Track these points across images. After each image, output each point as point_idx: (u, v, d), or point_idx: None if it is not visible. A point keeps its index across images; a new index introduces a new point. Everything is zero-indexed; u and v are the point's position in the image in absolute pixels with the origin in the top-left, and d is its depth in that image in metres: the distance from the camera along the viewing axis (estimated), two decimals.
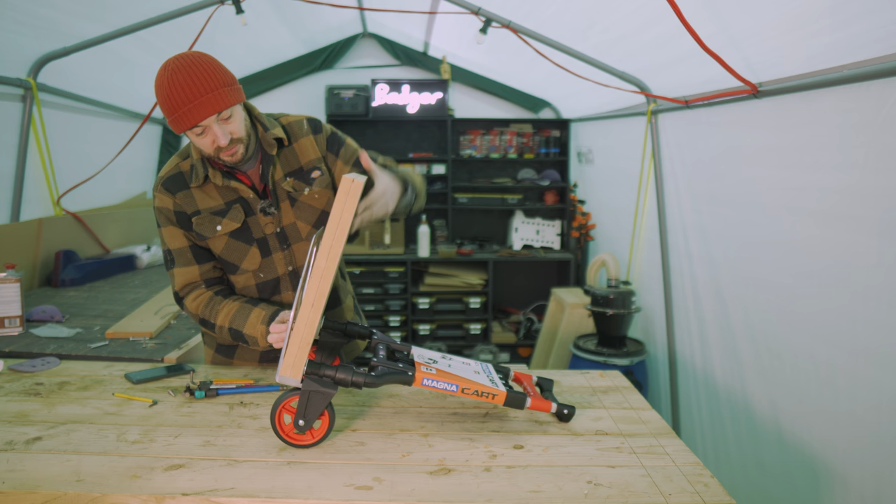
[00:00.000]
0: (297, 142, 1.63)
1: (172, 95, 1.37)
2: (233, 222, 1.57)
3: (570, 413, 1.42)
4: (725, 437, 2.53)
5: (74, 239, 3.12)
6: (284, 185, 1.60)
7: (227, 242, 1.59)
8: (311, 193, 1.62)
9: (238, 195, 1.58)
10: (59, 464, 1.20)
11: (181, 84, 1.37)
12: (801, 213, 1.98)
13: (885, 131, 1.59)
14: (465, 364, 1.49)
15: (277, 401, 1.29)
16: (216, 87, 1.39)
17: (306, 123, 1.65)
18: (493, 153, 4.83)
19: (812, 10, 1.67)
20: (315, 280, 1.22)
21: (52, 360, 1.77)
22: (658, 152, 3.11)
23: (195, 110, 1.38)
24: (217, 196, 1.58)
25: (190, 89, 1.37)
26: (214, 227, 1.58)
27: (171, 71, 1.38)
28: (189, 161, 1.58)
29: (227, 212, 1.58)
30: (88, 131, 3.55)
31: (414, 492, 1.13)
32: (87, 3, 2.56)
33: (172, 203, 1.58)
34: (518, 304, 5.05)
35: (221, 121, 1.43)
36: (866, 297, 1.69)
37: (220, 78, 1.41)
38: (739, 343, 2.40)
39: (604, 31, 2.71)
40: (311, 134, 1.65)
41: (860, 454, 1.73)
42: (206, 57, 1.42)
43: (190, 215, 1.58)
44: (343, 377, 1.29)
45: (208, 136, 1.44)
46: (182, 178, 1.58)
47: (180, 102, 1.38)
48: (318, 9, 3.37)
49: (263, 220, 1.59)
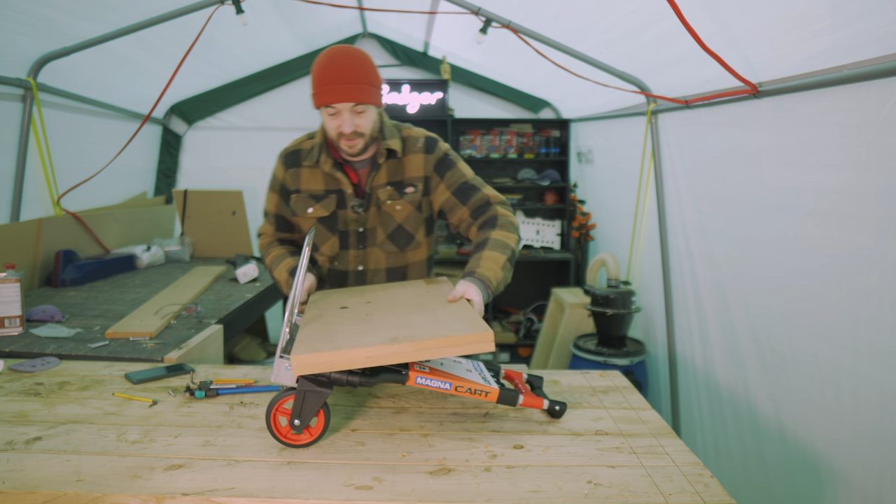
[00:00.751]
0: (408, 156, 1.73)
1: (325, 72, 1.53)
2: (323, 210, 1.73)
3: (562, 409, 1.42)
4: (727, 436, 2.53)
5: (74, 239, 3.12)
6: (380, 193, 1.70)
7: (314, 225, 1.74)
8: (393, 204, 1.71)
9: (339, 186, 1.72)
10: (59, 464, 1.20)
11: (337, 66, 1.53)
12: (801, 212, 1.98)
13: (885, 131, 1.59)
14: (456, 363, 1.50)
15: (273, 401, 1.29)
16: (363, 82, 1.54)
17: (423, 141, 1.75)
18: (493, 153, 4.83)
19: (812, 11, 1.67)
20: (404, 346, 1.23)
21: (52, 360, 1.77)
22: (658, 152, 3.11)
23: (336, 92, 1.53)
24: (321, 181, 1.73)
25: (342, 73, 1.52)
26: (306, 209, 1.74)
27: (335, 52, 1.56)
28: (312, 142, 1.74)
29: (323, 199, 1.73)
30: (88, 131, 3.54)
31: (414, 492, 1.13)
32: (87, 3, 2.56)
33: (283, 174, 1.77)
34: (518, 304, 5.05)
35: (354, 112, 1.57)
36: (868, 296, 1.69)
37: (369, 77, 1.57)
38: (742, 342, 2.40)
39: (604, 31, 2.71)
40: (422, 152, 1.74)
41: (862, 452, 1.73)
42: (366, 56, 1.60)
43: (291, 191, 1.77)
44: (338, 377, 1.29)
45: (337, 120, 1.58)
46: (298, 156, 1.76)
47: (328, 80, 1.53)
48: (318, 9, 3.36)
49: (350, 217, 1.72)
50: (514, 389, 1.41)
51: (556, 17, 2.81)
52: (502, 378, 1.56)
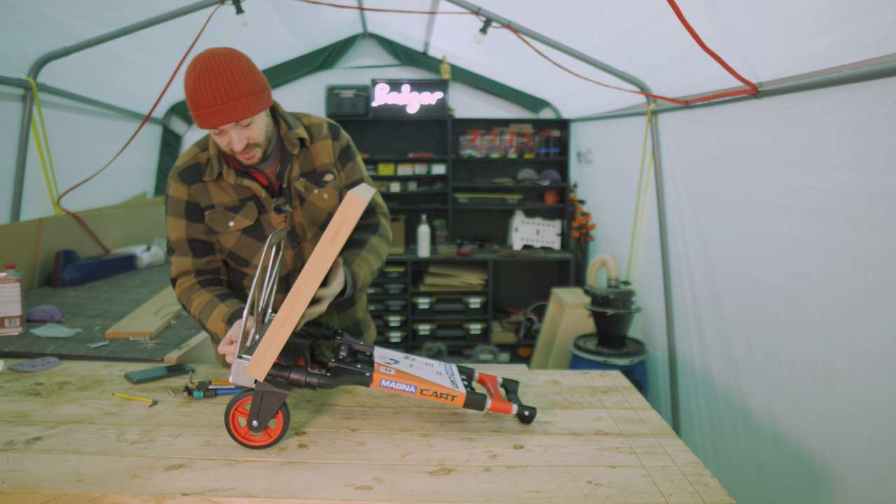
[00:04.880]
0: (314, 144, 1.64)
1: (196, 95, 1.38)
2: (245, 220, 1.58)
3: (532, 415, 1.41)
4: (724, 437, 2.53)
5: (74, 239, 3.12)
6: (297, 185, 1.61)
7: (238, 238, 1.60)
8: (319, 193, 1.63)
9: (252, 193, 1.58)
10: (59, 464, 1.20)
11: (207, 87, 1.37)
12: (800, 212, 1.98)
13: (885, 131, 1.59)
14: (427, 365, 1.49)
15: (232, 401, 1.29)
16: (240, 96, 1.39)
17: (326, 127, 1.67)
18: (493, 153, 4.83)
19: (812, 10, 1.67)
20: (300, 288, 1.21)
21: (52, 360, 1.77)
22: (658, 152, 3.11)
23: (215, 115, 1.39)
24: (231, 192, 1.58)
25: (214, 94, 1.37)
26: (227, 223, 1.58)
27: (200, 70, 1.38)
28: (207, 153, 1.58)
29: (241, 209, 1.58)
30: (88, 131, 3.55)
31: (414, 492, 1.13)
32: (87, 3, 2.56)
33: (187, 194, 1.58)
34: (518, 304, 5.05)
35: (241, 126, 1.44)
36: (865, 297, 1.69)
37: (245, 86, 1.40)
38: (735, 344, 2.40)
39: (604, 31, 2.71)
40: (329, 139, 1.66)
41: (859, 455, 1.73)
42: (237, 61, 1.42)
43: (203, 208, 1.59)
44: (297, 378, 1.29)
45: (225, 138, 1.46)
46: (199, 170, 1.58)
47: (202, 104, 1.38)
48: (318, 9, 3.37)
49: (276, 219, 1.60)
50: (483, 394, 1.39)
51: (557, 17, 2.81)
52: (476, 382, 1.55)
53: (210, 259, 1.65)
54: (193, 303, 1.59)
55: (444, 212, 4.89)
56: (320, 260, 1.21)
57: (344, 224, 1.21)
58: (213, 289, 1.61)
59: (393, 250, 4.66)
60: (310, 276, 1.21)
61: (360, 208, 1.22)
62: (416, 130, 4.93)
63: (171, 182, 1.60)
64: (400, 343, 4.71)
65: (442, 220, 4.91)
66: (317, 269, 1.21)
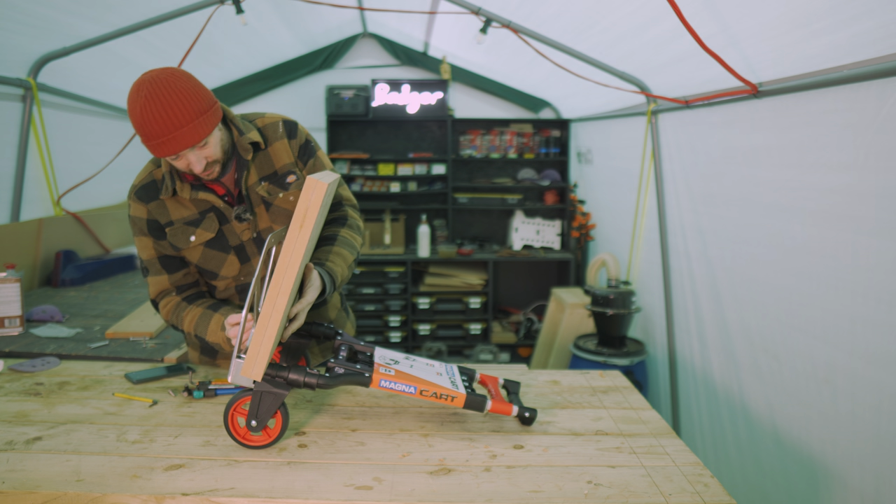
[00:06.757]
0: (272, 145, 1.57)
1: (146, 125, 1.31)
2: (207, 232, 1.53)
3: (532, 416, 1.41)
4: (724, 437, 2.53)
5: (74, 239, 3.12)
6: (259, 190, 1.55)
7: (202, 252, 1.56)
8: (285, 196, 1.57)
9: (210, 204, 1.53)
10: (59, 464, 1.20)
11: (155, 115, 1.30)
12: (800, 212, 1.98)
13: (885, 131, 1.59)
14: (428, 366, 1.48)
15: (231, 401, 1.29)
16: (191, 119, 1.33)
17: (282, 126, 1.59)
18: (493, 153, 4.83)
19: (812, 10, 1.67)
20: (277, 281, 1.20)
21: (52, 360, 1.77)
22: (658, 152, 3.11)
23: (170, 143, 1.33)
24: (190, 205, 1.54)
25: (164, 121, 1.30)
26: (188, 238, 1.54)
27: (144, 99, 1.30)
28: (162, 170, 1.53)
29: (201, 221, 1.53)
30: (88, 131, 3.55)
31: (414, 492, 1.13)
32: (87, 3, 2.56)
33: (146, 212, 1.54)
34: (518, 304, 5.05)
35: (197, 148, 1.38)
36: (866, 297, 1.69)
37: (194, 107, 1.33)
38: (736, 344, 2.40)
39: (604, 31, 2.71)
40: (285, 138, 1.59)
41: (860, 455, 1.73)
42: (180, 81, 1.33)
43: (163, 225, 1.54)
44: (295, 378, 1.28)
45: (183, 161, 1.40)
46: (155, 187, 1.53)
47: (154, 134, 1.31)
48: (318, 9, 3.37)
49: (239, 227, 1.55)
50: (483, 395, 1.39)
51: (556, 17, 2.81)
52: (477, 382, 1.55)
53: (186, 272, 1.61)
54: (185, 320, 1.56)
55: (444, 212, 4.89)
56: (292, 249, 1.20)
57: (309, 210, 1.19)
58: (201, 302, 1.58)
59: (393, 250, 4.67)
60: (285, 268, 1.20)
61: (322, 191, 1.19)
62: (416, 130, 4.93)
63: (130, 202, 1.56)
64: (400, 343, 4.71)
65: (442, 220, 4.91)
66: (290, 260, 1.20)
